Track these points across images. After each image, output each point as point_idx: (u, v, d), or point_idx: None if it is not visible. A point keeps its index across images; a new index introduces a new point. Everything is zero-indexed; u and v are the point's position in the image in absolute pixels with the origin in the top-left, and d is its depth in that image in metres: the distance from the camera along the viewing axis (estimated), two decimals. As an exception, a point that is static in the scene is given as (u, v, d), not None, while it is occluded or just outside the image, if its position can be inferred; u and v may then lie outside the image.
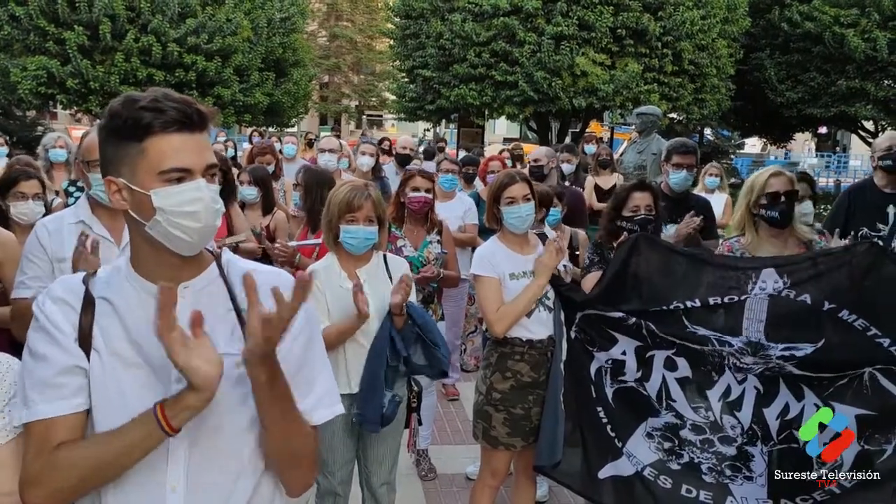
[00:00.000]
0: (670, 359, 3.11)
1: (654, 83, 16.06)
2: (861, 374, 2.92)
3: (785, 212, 3.17)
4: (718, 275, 3.07)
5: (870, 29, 16.15)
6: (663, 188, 4.42)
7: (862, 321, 2.88)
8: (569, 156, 7.29)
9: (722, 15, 16.53)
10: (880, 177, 4.49)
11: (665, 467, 3.16)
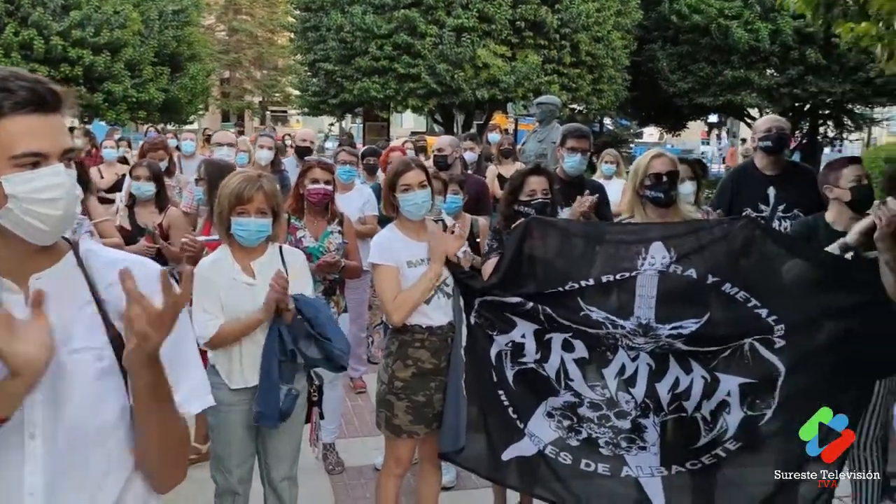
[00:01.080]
0: (567, 341, 3.19)
1: (553, 74, 16.41)
2: (742, 344, 3.07)
3: (668, 191, 3.29)
4: (610, 252, 3.17)
5: (752, 20, 16.98)
6: (558, 173, 4.51)
7: (743, 293, 3.03)
8: (472, 144, 7.35)
9: (615, 8, 17.04)
10: (760, 158, 4.70)
11: (565, 444, 3.25)
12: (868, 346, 3.10)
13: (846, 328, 3.06)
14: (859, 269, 3.15)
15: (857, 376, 3.14)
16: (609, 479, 3.22)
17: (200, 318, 2.83)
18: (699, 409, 3.12)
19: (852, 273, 3.16)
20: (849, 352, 3.04)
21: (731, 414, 3.12)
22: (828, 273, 3.12)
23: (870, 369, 3.20)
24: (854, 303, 3.09)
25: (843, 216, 3.48)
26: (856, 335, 3.05)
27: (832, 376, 3.08)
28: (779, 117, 4.85)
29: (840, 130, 21.68)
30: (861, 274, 3.13)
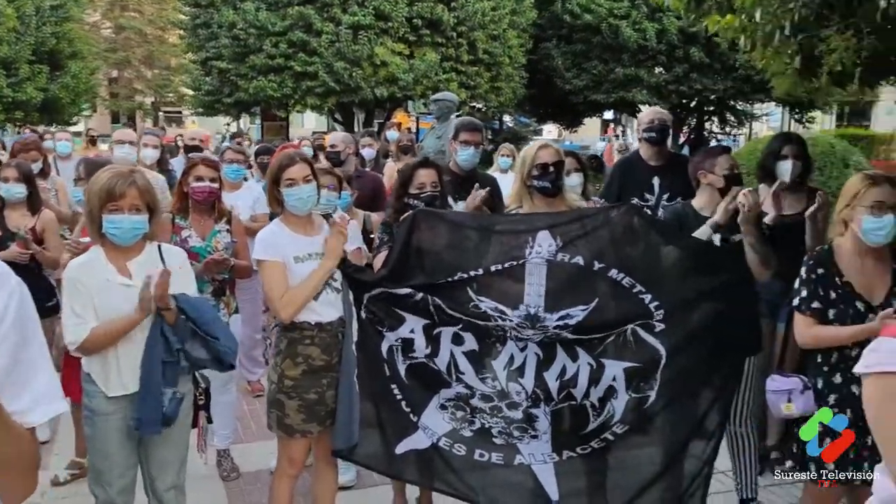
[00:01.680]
0: (457, 334, 3.19)
1: (452, 72, 16.53)
2: (625, 330, 3.16)
3: (555, 181, 3.35)
4: (499, 241, 3.19)
5: (640, 20, 17.65)
6: (452, 167, 4.52)
7: (629, 279, 3.11)
8: (369, 140, 7.29)
9: (510, 7, 17.33)
10: (645, 149, 4.87)
11: (459, 436, 3.25)
12: (737, 325, 3.26)
13: (718, 309, 3.20)
14: (727, 252, 3.31)
15: (729, 354, 3.30)
16: (503, 468, 3.25)
17: (69, 322, 2.66)
18: (588, 396, 3.19)
19: (721, 256, 3.32)
20: (721, 331, 3.18)
21: (617, 399, 3.20)
22: (700, 257, 3.26)
23: (740, 347, 3.36)
24: (724, 284, 3.24)
25: (713, 202, 3.63)
26: (727, 315, 3.20)
27: (707, 356, 3.22)
28: (661, 110, 5.02)
29: (724, 126, 22.79)
30: (729, 257, 3.29)
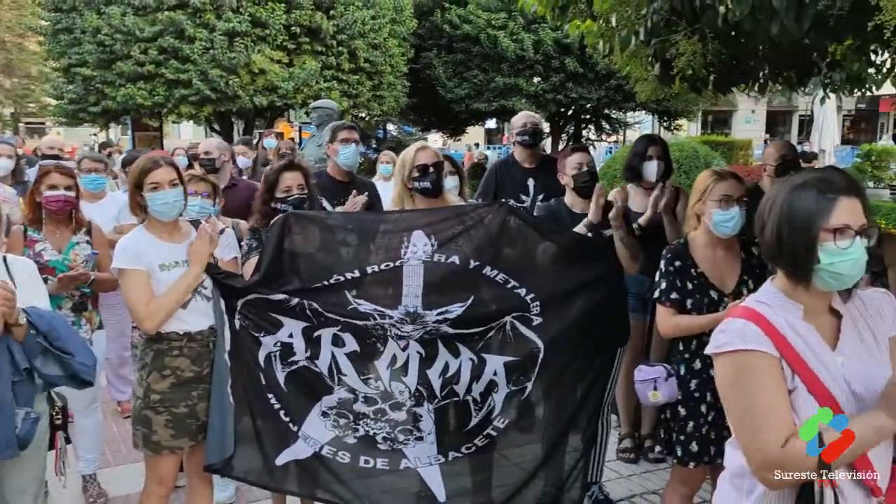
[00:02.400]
0: (337, 335, 3.15)
1: (333, 81, 16.36)
2: (503, 323, 3.21)
3: (435, 181, 3.38)
4: (374, 243, 3.17)
5: (517, 31, 18.11)
6: (331, 172, 4.47)
7: (503, 275, 3.17)
8: (245, 149, 7.11)
9: (390, 16, 17.37)
10: (519, 152, 4.99)
11: (342, 443, 3.20)
12: (609, 317, 3.39)
13: (591, 302, 3.32)
14: (599, 247, 3.44)
15: (602, 346, 3.42)
16: (389, 473, 3.22)
17: None
18: (470, 392, 3.22)
19: (594, 251, 3.44)
20: (594, 324, 3.30)
21: (498, 392, 3.26)
22: (574, 252, 3.37)
23: (613, 338, 3.50)
24: (596, 278, 3.36)
25: (577, 198, 3.79)
26: (600, 308, 3.32)
27: (582, 348, 3.33)
28: (532, 114, 5.17)
29: (599, 133, 23.72)
30: (600, 251, 3.42)
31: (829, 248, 1.64)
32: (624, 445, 4.51)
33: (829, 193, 1.65)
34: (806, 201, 1.67)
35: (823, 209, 1.65)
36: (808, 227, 1.66)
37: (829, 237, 1.64)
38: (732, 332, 1.72)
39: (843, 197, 1.65)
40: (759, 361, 1.67)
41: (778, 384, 1.66)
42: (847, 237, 1.63)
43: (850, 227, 1.63)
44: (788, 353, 1.68)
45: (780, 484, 1.65)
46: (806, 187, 1.68)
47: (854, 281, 1.68)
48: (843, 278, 1.67)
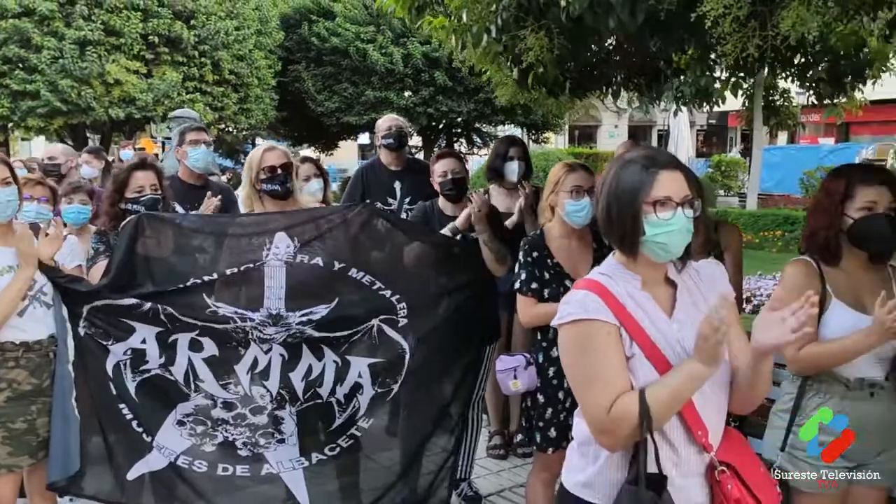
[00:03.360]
0: (195, 340, 3.02)
1: (196, 93, 15.81)
2: (370, 327, 3.19)
3: (284, 183, 3.29)
4: (233, 245, 3.07)
5: (386, 45, 18.21)
6: (182, 176, 4.31)
7: (369, 277, 3.14)
8: (90, 157, 6.70)
9: (255, 27, 17.02)
10: (385, 155, 4.99)
11: (199, 451, 3.06)
12: (478, 316, 3.44)
13: (459, 302, 3.36)
14: (466, 249, 3.49)
15: (469, 346, 3.47)
16: (249, 479, 3.11)
17: None
18: (334, 394, 3.16)
19: (461, 252, 3.49)
20: (461, 324, 3.33)
21: (363, 394, 3.22)
22: (440, 254, 3.40)
23: (481, 337, 3.55)
24: (463, 279, 3.41)
25: (448, 203, 3.86)
26: (468, 307, 3.37)
27: (449, 348, 3.36)
28: (397, 116, 5.19)
29: (471, 146, 24.20)
30: (467, 253, 3.47)
31: (651, 220, 1.72)
32: (494, 442, 4.58)
33: (652, 168, 1.74)
34: (631, 176, 1.76)
35: (646, 183, 1.73)
36: (632, 200, 1.74)
37: (650, 209, 1.72)
38: (575, 302, 1.78)
39: (664, 171, 1.74)
40: (599, 329, 1.73)
41: (616, 351, 1.72)
42: (669, 209, 1.72)
43: (672, 199, 1.72)
44: (627, 321, 1.75)
45: (616, 445, 1.72)
46: (631, 164, 1.77)
47: (679, 250, 1.77)
48: (668, 248, 1.75)
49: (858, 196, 2.36)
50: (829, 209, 2.40)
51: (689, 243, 1.82)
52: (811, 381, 2.43)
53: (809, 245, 2.49)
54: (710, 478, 1.76)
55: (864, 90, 12.54)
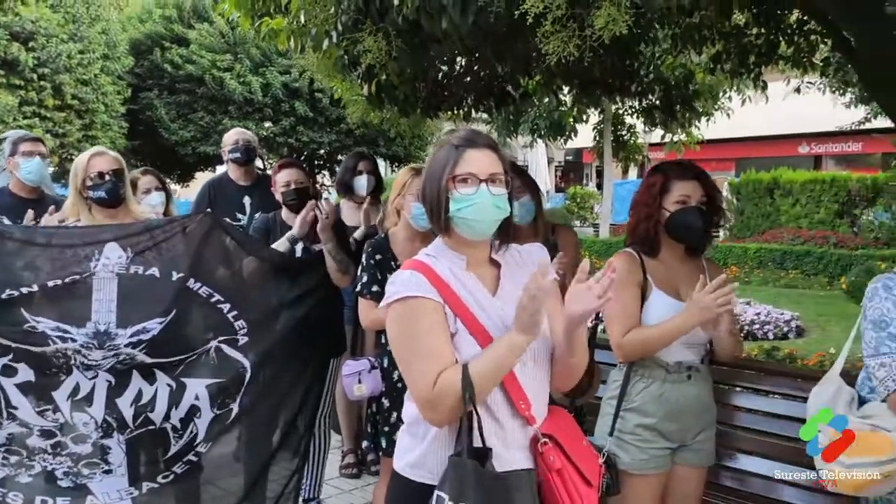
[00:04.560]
0: (8, 366, 2.77)
1: (35, 118, 14.80)
2: (209, 348, 3.06)
3: (112, 189, 3.11)
4: (56, 255, 2.85)
5: (244, 73, 17.85)
6: (13, 189, 4.04)
7: (207, 289, 3.01)
8: None
9: (101, 51, 16.22)
10: (233, 170, 4.87)
11: (14, 483, 2.80)
12: (321, 330, 3.38)
13: (301, 315, 3.28)
14: (308, 261, 3.44)
15: (313, 360, 3.40)
16: None
17: None
18: (168, 419, 2.98)
19: (302, 265, 3.43)
20: (305, 338, 3.26)
21: (201, 417, 3.06)
22: (280, 267, 3.33)
23: (324, 350, 3.49)
24: (306, 292, 3.34)
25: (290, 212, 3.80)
26: (310, 322, 3.30)
27: (293, 364, 3.27)
28: (245, 130, 5.08)
29: (333, 177, 24.08)
30: (310, 264, 3.42)
31: (455, 196, 1.77)
32: (346, 461, 4.49)
33: (461, 147, 1.79)
34: (441, 155, 1.81)
35: (451, 160, 1.78)
36: (439, 177, 1.79)
37: (453, 185, 1.77)
38: (400, 282, 1.78)
39: (472, 149, 1.79)
40: (425, 306, 1.75)
41: (441, 327, 1.74)
42: (471, 185, 1.77)
43: (475, 175, 1.77)
44: (451, 298, 1.77)
45: (441, 419, 1.72)
46: (446, 144, 1.82)
47: (489, 227, 1.81)
48: (473, 224, 1.79)
49: (674, 190, 2.52)
50: (649, 203, 2.55)
51: (511, 225, 1.87)
52: (636, 368, 2.55)
53: (633, 238, 2.63)
54: (534, 450, 1.79)
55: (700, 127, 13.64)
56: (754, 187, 17.32)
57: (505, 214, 1.81)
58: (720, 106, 13.23)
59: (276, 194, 3.82)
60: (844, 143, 19.32)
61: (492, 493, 1.65)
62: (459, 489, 1.64)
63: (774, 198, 16.86)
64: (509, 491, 1.67)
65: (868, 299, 2.11)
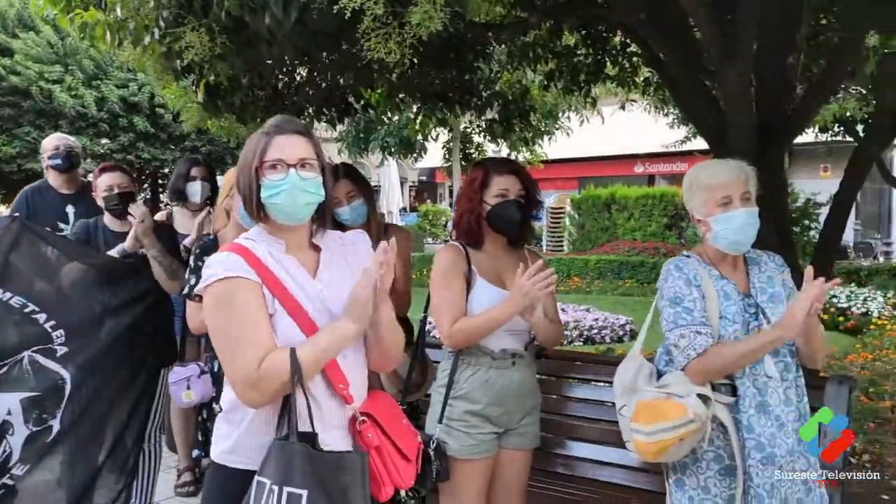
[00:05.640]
0: None
1: None
2: (20, 359, 2.87)
3: None
4: None
5: (76, 86, 16.79)
6: None
7: (19, 299, 2.84)
8: None
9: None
10: (54, 177, 4.58)
11: None
12: (148, 337, 3.25)
13: (126, 324, 3.14)
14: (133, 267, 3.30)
15: (141, 368, 3.25)
16: None
17: None
18: None
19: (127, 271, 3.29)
20: (131, 346, 3.12)
21: (14, 435, 2.85)
22: (104, 273, 3.17)
23: (152, 359, 3.35)
24: (132, 299, 3.20)
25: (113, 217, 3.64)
26: (135, 329, 3.16)
27: (118, 373, 3.12)
28: (66, 136, 4.80)
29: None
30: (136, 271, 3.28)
31: (265, 182, 1.79)
32: (183, 480, 4.28)
33: (268, 133, 1.81)
34: (251, 143, 1.82)
35: (261, 147, 1.80)
36: (250, 164, 1.80)
37: (263, 172, 1.79)
38: (217, 264, 1.76)
39: (281, 135, 1.81)
40: (242, 286, 1.74)
41: (258, 307, 1.74)
42: (280, 171, 1.78)
43: (284, 161, 1.79)
44: (269, 279, 1.77)
45: (264, 401, 1.71)
46: (259, 132, 1.84)
47: (303, 212, 1.84)
48: (285, 209, 1.81)
49: (493, 185, 2.64)
50: (471, 197, 2.66)
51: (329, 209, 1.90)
52: (463, 356, 2.63)
53: (457, 231, 2.72)
54: (352, 428, 1.81)
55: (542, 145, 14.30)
56: (593, 203, 18.37)
57: (318, 199, 1.84)
58: (560, 125, 13.98)
59: (98, 199, 3.64)
60: (672, 163, 20.88)
61: (322, 475, 1.65)
62: (285, 473, 1.63)
63: (612, 212, 17.96)
64: (340, 473, 1.67)
65: (663, 280, 2.31)
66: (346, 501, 1.64)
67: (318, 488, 1.62)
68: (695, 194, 2.29)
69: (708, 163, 2.37)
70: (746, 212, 2.20)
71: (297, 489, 1.60)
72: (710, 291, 2.22)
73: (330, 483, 1.64)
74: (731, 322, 2.20)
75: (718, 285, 2.25)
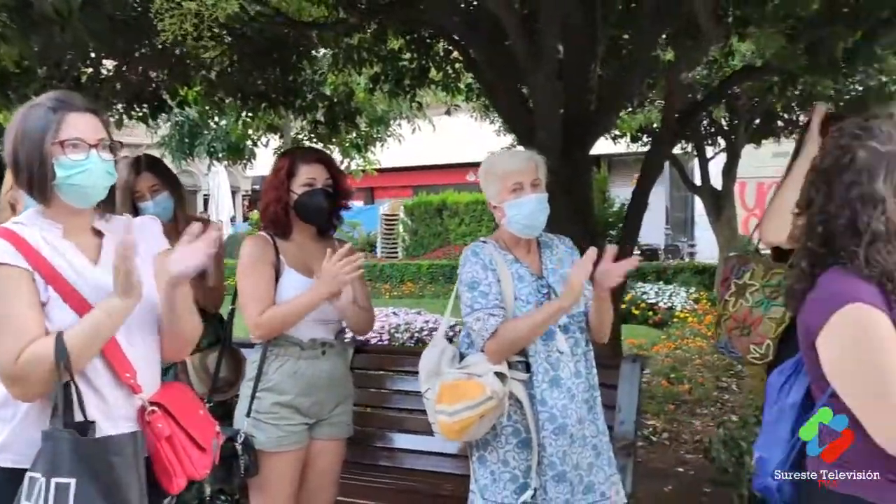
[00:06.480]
0: None
1: None
2: None
3: None
4: None
5: None
6: None
7: None
8: None
9: None
10: None
11: None
12: None
13: None
14: None
15: None
16: None
17: None
18: None
19: None
20: None
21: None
22: None
23: None
24: None
25: None
26: None
27: None
28: None
29: None
30: None
31: (63, 162, 1.70)
32: None
33: (57, 109, 1.72)
34: (37, 120, 1.71)
35: (53, 123, 1.70)
36: (39, 143, 1.69)
37: (60, 150, 1.69)
38: None
39: (73, 113, 1.73)
40: (9, 274, 1.64)
41: (28, 296, 1.65)
42: (81, 150, 1.71)
43: (84, 141, 1.71)
44: (42, 266, 1.68)
45: (29, 394, 1.62)
46: (38, 106, 1.74)
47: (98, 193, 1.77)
48: (85, 190, 1.74)
49: (300, 174, 2.63)
50: (277, 186, 2.63)
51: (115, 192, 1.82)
52: (271, 347, 2.60)
53: (265, 221, 2.68)
54: (141, 419, 1.74)
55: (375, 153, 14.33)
56: (426, 209, 18.71)
57: (114, 181, 1.79)
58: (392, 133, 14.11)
59: None
60: (503, 171, 21.62)
61: (90, 461, 1.57)
62: (53, 463, 1.55)
63: (443, 218, 18.38)
64: (109, 456, 1.60)
65: (462, 265, 2.40)
66: (117, 485, 1.57)
67: (88, 475, 1.55)
68: (490, 182, 2.41)
69: (500, 152, 2.49)
70: (537, 198, 2.34)
71: (65, 479, 1.53)
72: (505, 274, 2.34)
73: (100, 469, 1.57)
74: (524, 303, 2.33)
75: (513, 269, 2.37)
